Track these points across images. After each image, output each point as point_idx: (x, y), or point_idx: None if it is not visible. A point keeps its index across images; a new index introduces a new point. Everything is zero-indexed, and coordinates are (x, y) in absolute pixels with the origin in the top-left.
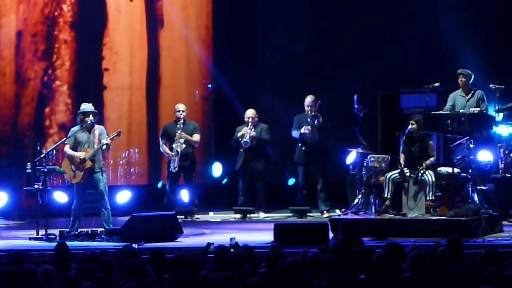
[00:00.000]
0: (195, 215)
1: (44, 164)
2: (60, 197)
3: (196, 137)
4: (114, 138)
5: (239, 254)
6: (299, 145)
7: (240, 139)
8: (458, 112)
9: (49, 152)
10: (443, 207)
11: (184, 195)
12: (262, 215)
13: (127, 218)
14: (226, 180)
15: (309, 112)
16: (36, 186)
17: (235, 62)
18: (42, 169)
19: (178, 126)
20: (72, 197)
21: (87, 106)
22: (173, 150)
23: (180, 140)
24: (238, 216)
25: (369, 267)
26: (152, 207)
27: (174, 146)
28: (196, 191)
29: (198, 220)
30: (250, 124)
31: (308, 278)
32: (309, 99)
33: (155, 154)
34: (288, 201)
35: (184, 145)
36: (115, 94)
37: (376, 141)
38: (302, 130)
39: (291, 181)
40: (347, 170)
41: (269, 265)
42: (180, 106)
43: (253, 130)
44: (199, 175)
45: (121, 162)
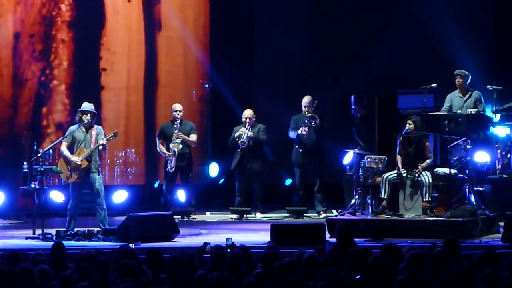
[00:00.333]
0: (191, 215)
1: (40, 164)
2: (57, 196)
3: (193, 137)
4: (111, 138)
5: (236, 254)
6: (296, 147)
7: (237, 139)
8: (455, 113)
9: (46, 152)
10: (440, 208)
11: (180, 195)
12: (259, 215)
13: (123, 218)
14: (223, 180)
15: (306, 112)
16: (33, 186)
17: (233, 63)
18: (39, 169)
19: (175, 126)
20: (68, 197)
21: (87, 105)
22: (170, 150)
23: (177, 140)
24: (235, 216)
25: (365, 267)
26: (149, 207)
27: (171, 146)
28: (192, 191)
29: (194, 220)
30: (247, 124)
31: (304, 279)
32: (306, 99)
33: (152, 154)
34: (284, 202)
35: (181, 145)
36: (113, 94)
37: (373, 142)
38: (299, 131)
39: (287, 182)
40: (344, 171)
41: (265, 266)
42: (177, 106)
43: (250, 130)
44: (196, 175)
45: (118, 162)
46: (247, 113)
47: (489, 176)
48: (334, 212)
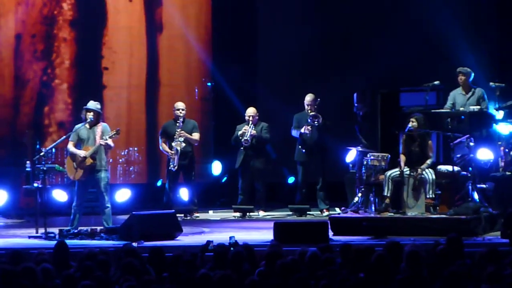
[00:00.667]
0: (194, 214)
1: (43, 163)
2: (60, 195)
3: (195, 136)
4: (113, 136)
5: (239, 252)
6: (299, 147)
7: (240, 138)
8: (458, 110)
9: (49, 151)
10: (443, 206)
11: (183, 193)
12: (262, 213)
13: (126, 217)
14: (226, 178)
15: (309, 111)
16: (36, 185)
17: (235, 61)
18: (41, 168)
19: (177, 124)
20: (71, 195)
21: (92, 104)
22: (172, 149)
23: (179, 138)
24: (238, 214)
25: (368, 265)
26: (152, 205)
27: (173, 144)
28: (195, 190)
29: (197, 218)
30: (250, 122)
31: (307, 277)
32: (309, 97)
33: (154, 153)
34: (287, 200)
35: (183, 143)
36: (114, 93)
37: (376, 140)
38: (302, 130)
39: (290, 180)
40: (346, 169)
41: (268, 264)
42: (180, 105)
43: (253, 128)
44: (199, 174)
45: (120, 160)
46: (250, 111)
47: (492, 173)
48: (337, 210)
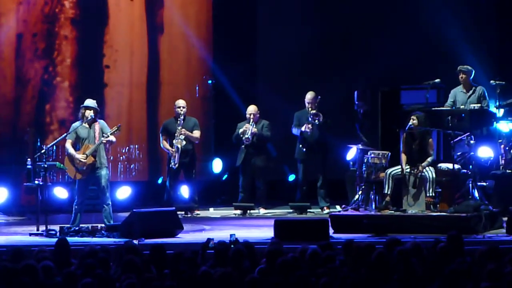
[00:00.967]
0: (195, 211)
1: (44, 160)
2: (61, 193)
3: (196, 134)
4: (115, 132)
5: (239, 250)
6: (300, 146)
7: (241, 136)
8: (459, 108)
9: (49, 148)
10: (443, 203)
11: (184, 191)
12: (262, 211)
13: (127, 214)
14: (226, 176)
15: (310, 108)
16: (36, 182)
17: (235, 59)
18: (42, 165)
19: (178, 122)
20: (72, 193)
21: (90, 102)
22: (173, 147)
23: (180, 136)
24: (238, 212)
25: (369, 263)
26: (152, 203)
27: (174, 142)
28: (196, 187)
29: (198, 216)
30: (251, 120)
31: (307, 275)
32: (309, 95)
33: (155, 151)
34: (288, 198)
35: (184, 141)
36: (116, 91)
37: (377, 138)
38: (303, 128)
39: (291, 178)
40: (347, 167)
41: (268, 262)
42: (180, 102)
43: (254, 126)
44: (199, 172)
45: (121, 158)
46: (251, 109)
47: (493, 171)
48: (338, 207)
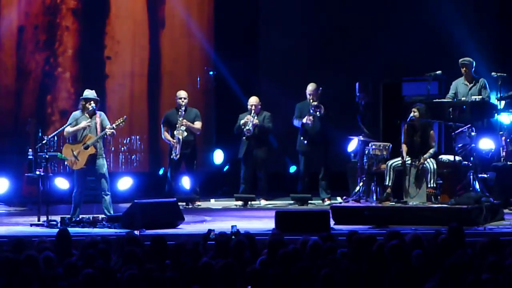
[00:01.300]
0: (196, 202)
1: (45, 151)
2: (62, 183)
3: (197, 125)
4: (120, 124)
5: (240, 241)
6: (301, 138)
7: (242, 127)
8: (460, 100)
9: (51, 139)
10: (444, 195)
11: (185, 182)
12: (263, 202)
13: (128, 205)
14: (227, 167)
15: (311, 100)
16: (38, 173)
17: (237, 50)
18: (44, 156)
19: (179, 113)
20: (73, 184)
21: (89, 93)
22: (174, 138)
23: (181, 127)
24: (239, 203)
25: (370, 255)
26: (154, 194)
27: (175, 133)
28: (197, 178)
29: (199, 207)
30: (253, 111)
31: (309, 266)
32: (310, 87)
33: (156, 142)
34: (289, 189)
35: (185, 132)
36: (117, 82)
37: (378, 129)
38: (304, 120)
39: (292, 169)
40: (348, 158)
41: (270, 253)
42: (182, 93)
43: (256, 118)
44: (201, 163)
45: (122, 149)
46: (253, 100)
47: (494, 163)
48: (339, 199)
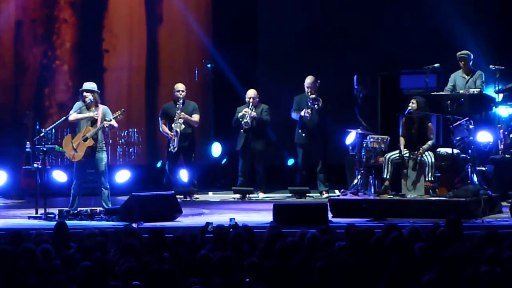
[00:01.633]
0: (194, 195)
1: (43, 143)
2: (59, 176)
3: (195, 117)
4: (118, 117)
5: (239, 234)
6: (299, 131)
7: (240, 120)
8: (458, 93)
9: (49, 131)
10: (442, 188)
11: (183, 175)
12: (261, 195)
13: (126, 198)
14: (226, 160)
15: (309, 93)
16: (36, 165)
17: (235, 43)
18: (42, 148)
19: (177, 106)
20: (71, 176)
21: (88, 85)
22: (172, 130)
23: (179, 120)
24: (237, 196)
25: (368, 247)
26: (152, 187)
27: (173, 126)
28: (195, 171)
29: (197, 200)
30: (251, 104)
31: (307, 259)
32: (309, 80)
33: (154, 134)
34: (287, 182)
35: (183, 125)
36: (115, 75)
37: (376, 122)
38: (302, 113)
39: (290, 162)
40: (346, 151)
41: (268, 246)
42: (180, 86)
43: (253, 110)
44: (199, 155)
45: (120, 142)
46: (251, 93)
47: (492, 156)
48: (337, 192)
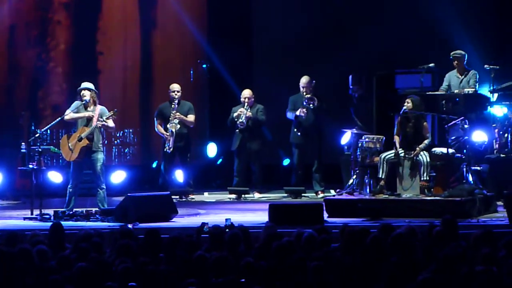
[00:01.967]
0: (190, 195)
1: (38, 144)
2: (55, 177)
3: (191, 118)
4: (110, 117)
5: (235, 234)
6: (295, 130)
7: (236, 120)
8: (453, 92)
9: (44, 132)
10: (438, 188)
11: (179, 175)
12: (257, 195)
13: (121, 198)
14: (221, 160)
15: (304, 93)
16: (31, 166)
17: (230, 43)
18: (37, 149)
19: (172, 106)
20: (67, 177)
21: (86, 84)
22: (168, 131)
23: (174, 120)
24: (233, 196)
25: (363, 247)
26: (147, 187)
27: (168, 126)
28: (191, 172)
29: (193, 200)
30: (246, 104)
31: (303, 259)
32: (304, 79)
33: (149, 135)
34: (283, 182)
35: (178, 125)
36: (109, 76)
37: (371, 122)
38: (298, 113)
39: (286, 162)
40: (342, 151)
41: (264, 246)
42: (175, 87)
43: (249, 110)
44: (194, 156)
45: (115, 142)
46: (246, 93)
47: (487, 155)
48: (332, 192)
